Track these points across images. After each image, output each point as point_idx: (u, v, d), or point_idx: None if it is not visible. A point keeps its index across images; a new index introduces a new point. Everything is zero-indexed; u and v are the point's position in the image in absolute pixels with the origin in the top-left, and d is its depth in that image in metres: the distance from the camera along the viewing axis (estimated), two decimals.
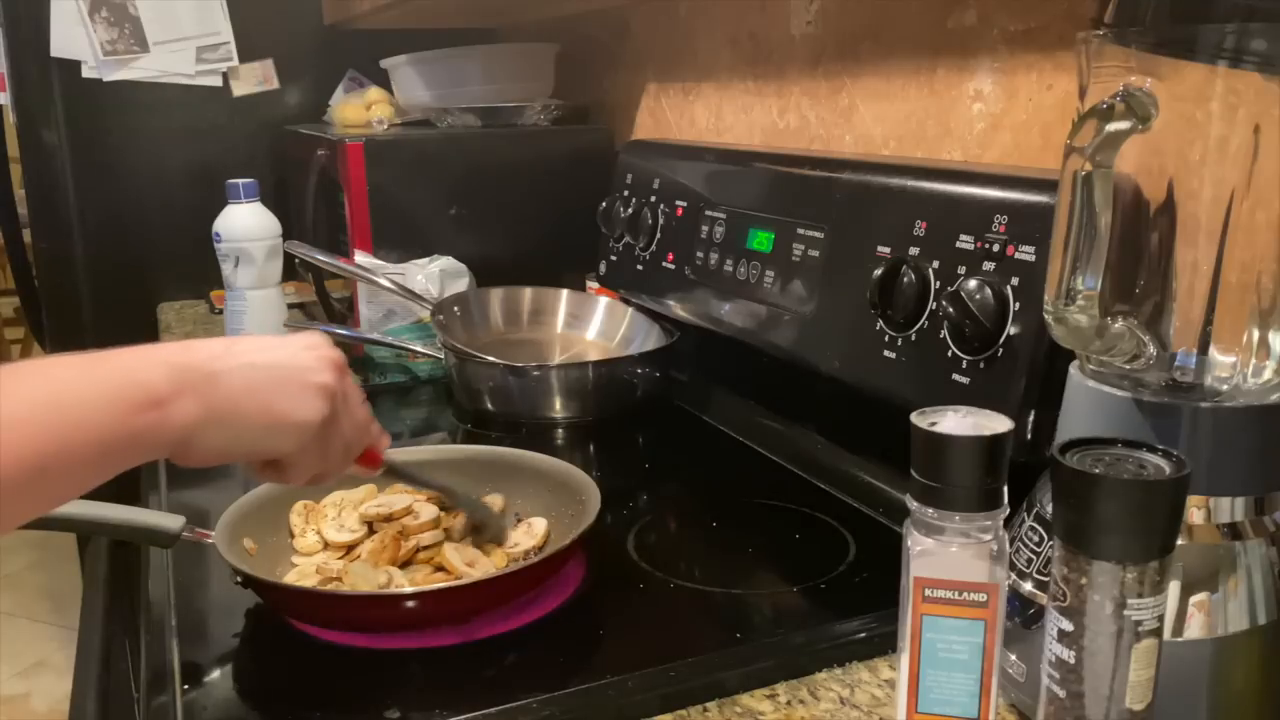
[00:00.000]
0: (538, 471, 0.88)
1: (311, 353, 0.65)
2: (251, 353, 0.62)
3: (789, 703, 0.65)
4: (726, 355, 1.15)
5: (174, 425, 0.56)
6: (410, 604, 0.71)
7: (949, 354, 0.79)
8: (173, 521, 0.75)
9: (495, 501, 0.87)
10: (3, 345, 4.01)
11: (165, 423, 0.55)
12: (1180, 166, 0.55)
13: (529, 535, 0.82)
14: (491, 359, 1.18)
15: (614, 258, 1.30)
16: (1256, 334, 0.56)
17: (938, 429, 0.51)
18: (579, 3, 1.55)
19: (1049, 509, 0.59)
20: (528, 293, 1.37)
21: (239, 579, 0.72)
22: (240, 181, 1.35)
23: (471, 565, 0.77)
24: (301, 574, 0.77)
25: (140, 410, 0.54)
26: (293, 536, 0.82)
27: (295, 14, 1.86)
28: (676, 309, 1.19)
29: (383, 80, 1.71)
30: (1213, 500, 0.56)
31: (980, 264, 0.77)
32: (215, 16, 1.78)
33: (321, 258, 1.33)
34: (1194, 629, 0.55)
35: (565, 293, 1.37)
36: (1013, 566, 0.60)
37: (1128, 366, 0.57)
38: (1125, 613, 0.49)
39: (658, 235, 1.21)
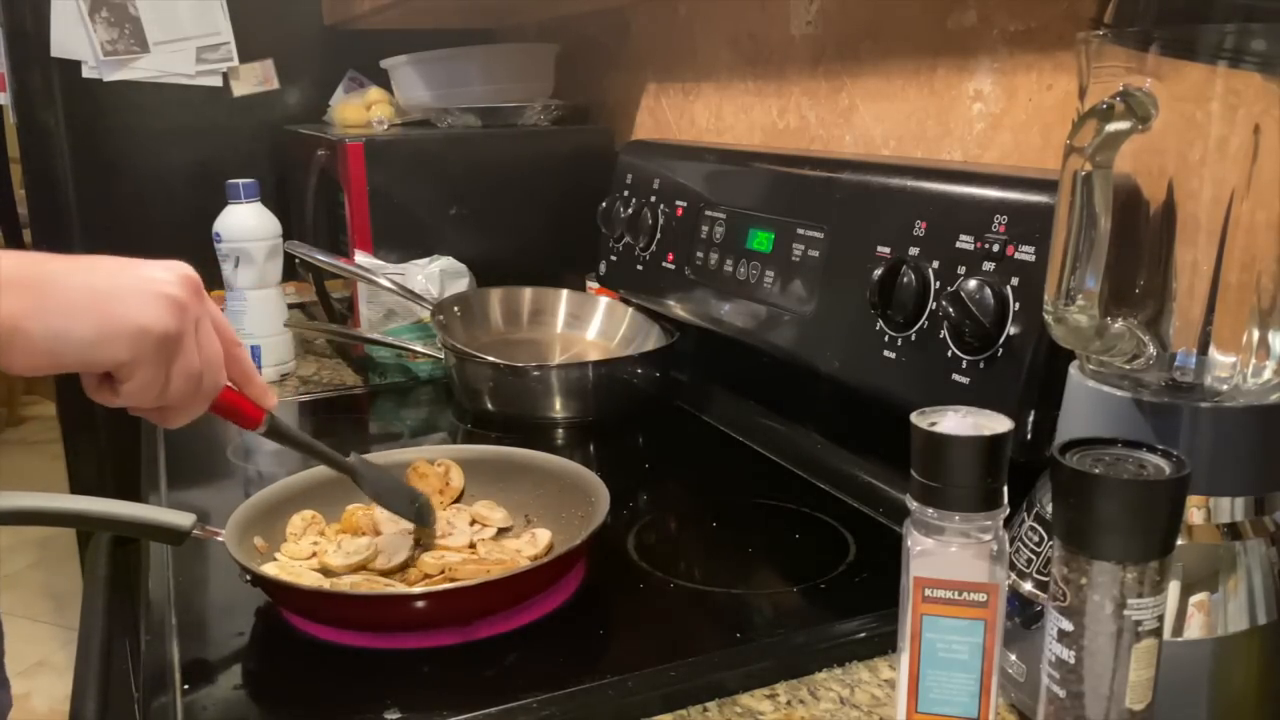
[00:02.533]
0: (547, 473, 0.88)
1: (168, 271, 0.61)
2: (101, 261, 0.59)
3: (789, 703, 0.65)
4: (726, 355, 1.15)
5: None
6: (419, 604, 0.71)
7: (949, 354, 0.79)
8: (183, 519, 0.76)
9: (481, 511, 0.87)
10: None
11: None
12: (1180, 166, 0.55)
13: (531, 544, 0.82)
14: (491, 359, 1.18)
15: (614, 258, 1.30)
16: (1256, 334, 0.56)
17: (938, 429, 0.51)
18: (579, 3, 1.55)
19: (1049, 509, 0.59)
20: (528, 293, 1.37)
21: (248, 577, 0.73)
22: (240, 181, 1.35)
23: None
24: (281, 568, 0.77)
25: None
26: (286, 539, 0.82)
27: (295, 14, 1.86)
28: (676, 309, 1.19)
29: (383, 80, 1.71)
30: (1213, 500, 0.56)
31: (980, 264, 0.77)
32: (215, 16, 1.78)
33: (321, 258, 1.33)
34: (1194, 629, 0.55)
35: (565, 293, 1.37)
36: (1013, 566, 0.61)
37: (1128, 366, 0.57)
38: (1125, 613, 0.49)
39: (658, 235, 1.21)
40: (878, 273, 0.84)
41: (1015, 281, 0.74)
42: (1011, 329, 0.74)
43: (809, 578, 0.79)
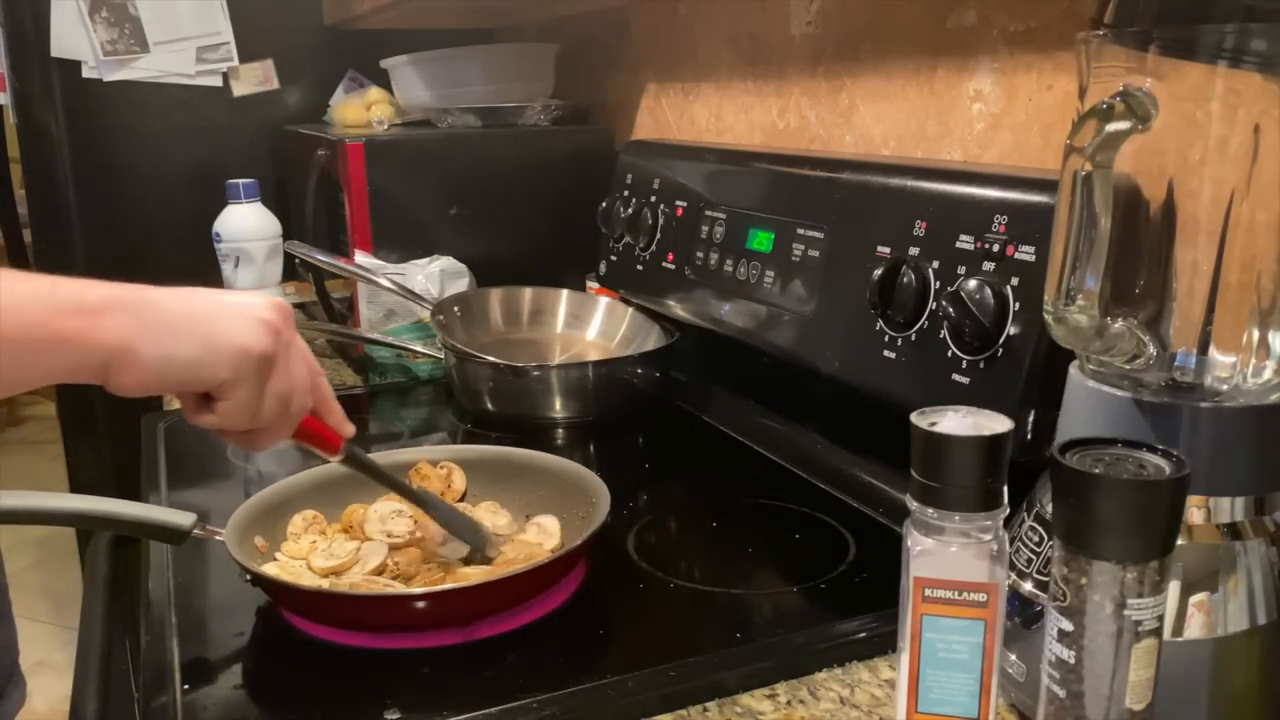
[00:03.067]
0: (548, 473, 0.88)
1: (261, 298, 0.65)
2: (198, 290, 0.62)
3: (789, 703, 0.65)
4: (726, 355, 1.15)
5: (103, 336, 0.56)
6: (419, 604, 0.71)
7: (949, 354, 0.79)
8: (184, 518, 0.76)
9: (486, 515, 0.86)
10: None
11: (93, 331, 0.55)
12: (1180, 166, 0.55)
13: (544, 535, 0.82)
14: (491, 359, 1.18)
15: (614, 258, 1.30)
16: (1256, 334, 0.56)
17: (938, 429, 0.51)
18: (579, 3, 1.56)
19: (1049, 509, 0.59)
20: (528, 293, 1.37)
21: (248, 577, 0.73)
22: (240, 181, 1.35)
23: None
24: (281, 568, 0.77)
25: (68, 314, 0.55)
26: (286, 539, 0.82)
27: (295, 14, 1.86)
28: (676, 309, 1.19)
29: (383, 80, 1.71)
30: (1213, 500, 0.56)
31: (980, 264, 0.77)
32: (215, 16, 1.78)
33: (321, 258, 1.33)
34: (1194, 629, 0.55)
35: (565, 293, 1.37)
36: (1013, 566, 0.61)
37: (1128, 366, 0.57)
38: (1125, 613, 0.49)
39: (658, 235, 1.21)
40: (878, 273, 0.84)
41: (1015, 281, 0.74)
42: (1011, 329, 0.74)
43: (809, 578, 0.79)
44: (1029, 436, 0.72)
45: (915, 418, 0.52)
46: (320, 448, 0.73)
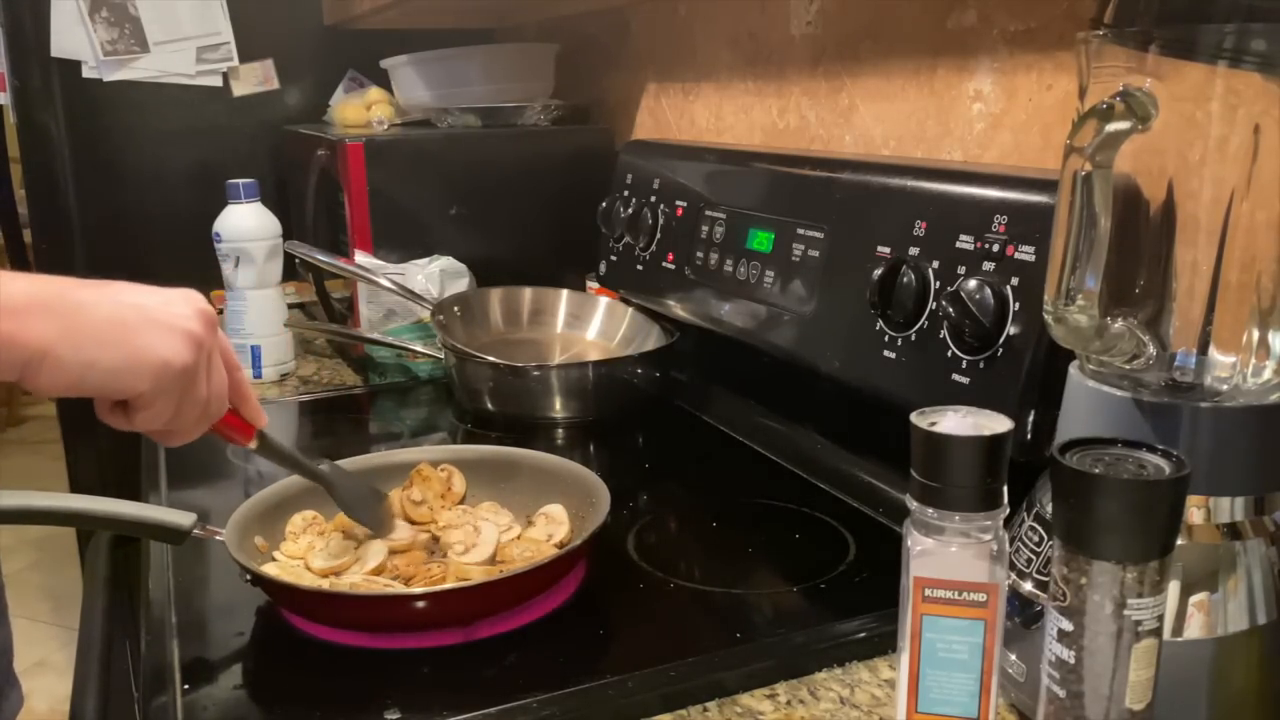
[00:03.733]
0: (548, 473, 0.88)
1: (186, 303, 0.64)
2: (124, 291, 0.61)
3: (789, 703, 0.65)
4: (726, 355, 1.15)
5: (25, 337, 0.55)
6: (420, 604, 0.71)
7: (949, 354, 0.79)
8: (184, 518, 0.76)
9: (486, 516, 0.86)
10: None
11: (14, 332, 0.55)
12: (1180, 166, 0.55)
13: (554, 524, 0.82)
14: (491, 359, 1.18)
15: (614, 258, 1.30)
16: (1256, 334, 0.56)
17: (938, 429, 0.51)
18: (579, 3, 1.56)
19: (1049, 509, 0.59)
20: (528, 293, 1.37)
21: (248, 577, 0.73)
22: (240, 181, 1.35)
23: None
24: (281, 568, 0.77)
25: None
26: (285, 539, 0.82)
27: (295, 14, 1.86)
28: (676, 309, 1.19)
29: (383, 80, 1.71)
30: (1213, 500, 0.56)
31: (980, 264, 0.77)
32: (215, 16, 1.78)
33: (321, 258, 1.33)
34: (1194, 629, 0.55)
35: (565, 293, 1.37)
36: (1013, 566, 0.61)
37: (1128, 366, 0.57)
38: (1125, 613, 0.49)
39: (658, 235, 1.21)
40: (878, 273, 0.84)
41: (1015, 281, 0.74)
42: (1011, 329, 0.74)
43: (809, 578, 0.79)
44: (1029, 436, 0.72)
45: (915, 418, 0.52)
46: (234, 440, 0.73)
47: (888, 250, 0.86)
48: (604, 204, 1.31)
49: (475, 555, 0.79)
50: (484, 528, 0.82)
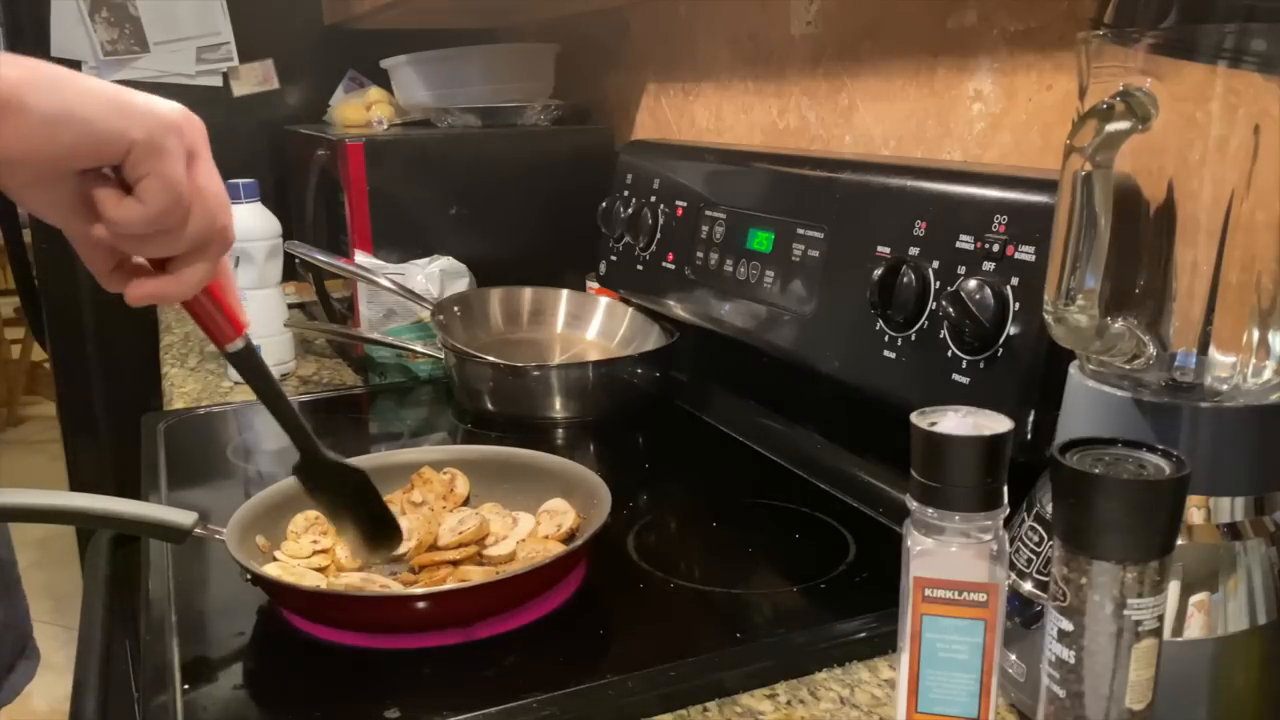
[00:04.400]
0: (549, 473, 0.88)
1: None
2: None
3: (789, 703, 0.65)
4: (726, 355, 1.15)
5: None
6: (419, 605, 0.71)
7: (949, 354, 0.79)
8: (185, 517, 0.76)
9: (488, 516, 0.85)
10: (3, 345, 4.01)
11: None
12: (1180, 166, 0.55)
13: (560, 517, 0.82)
14: (491, 359, 1.18)
15: (614, 258, 1.30)
16: (1256, 334, 0.56)
17: (938, 429, 0.51)
18: (579, 3, 1.55)
19: (1049, 509, 0.59)
20: (528, 293, 1.37)
21: (248, 577, 0.73)
22: (240, 181, 1.35)
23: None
24: (281, 568, 0.77)
25: None
26: (287, 538, 0.82)
27: (295, 14, 1.86)
28: (676, 309, 1.19)
29: (383, 80, 1.71)
30: (1213, 500, 0.56)
31: (980, 264, 0.77)
32: (215, 16, 1.78)
33: (321, 258, 1.33)
34: (1194, 629, 0.55)
35: (565, 293, 1.37)
36: (1013, 566, 0.61)
37: (1128, 366, 0.57)
38: (1125, 613, 0.49)
39: (658, 235, 1.21)
40: (878, 273, 0.84)
41: (1015, 281, 0.74)
42: (1011, 329, 0.74)
43: (809, 578, 0.79)
44: (1029, 436, 0.72)
45: (915, 418, 0.52)
46: (219, 330, 0.63)
47: (888, 250, 0.86)
48: (604, 204, 1.31)
49: (502, 548, 0.80)
50: (521, 518, 0.83)
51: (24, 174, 0.51)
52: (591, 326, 1.35)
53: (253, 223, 1.34)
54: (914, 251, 0.83)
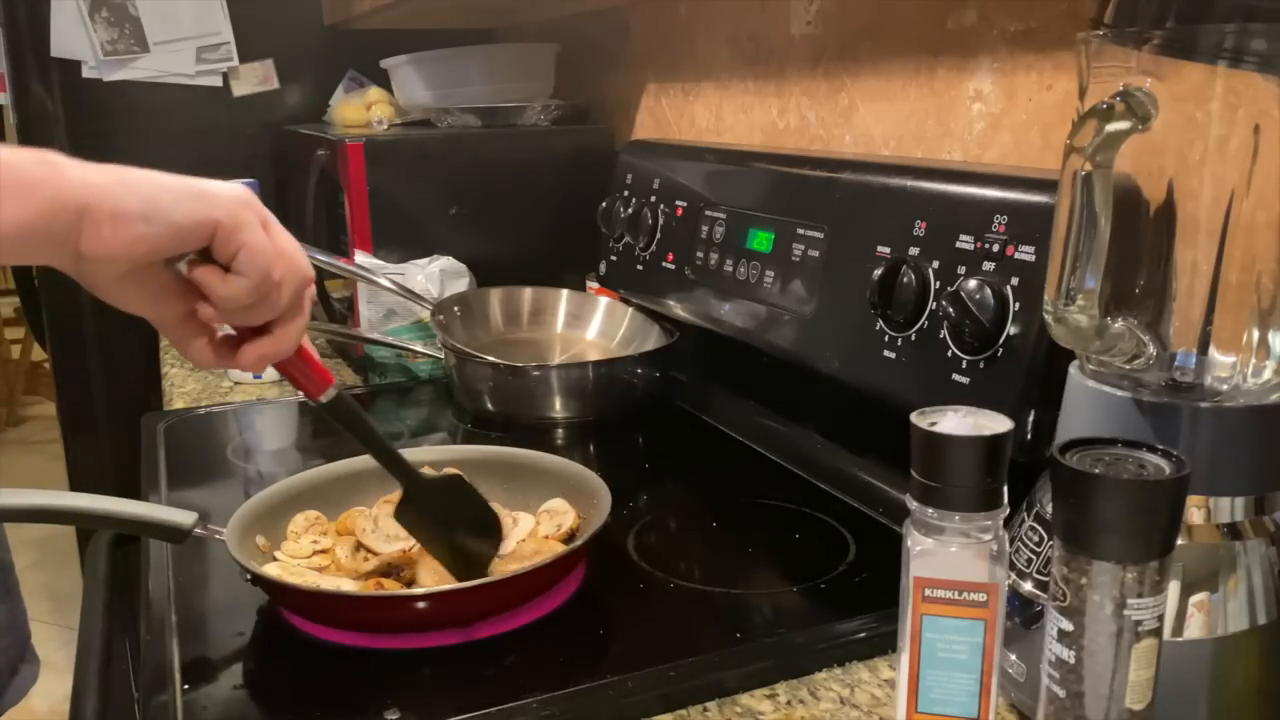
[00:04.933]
0: (549, 473, 0.88)
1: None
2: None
3: (789, 703, 0.65)
4: (726, 355, 1.15)
5: (76, 183, 0.52)
6: (420, 605, 0.71)
7: (949, 354, 0.79)
8: (185, 517, 0.76)
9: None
10: (3, 345, 4.01)
11: (66, 178, 0.52)
12: (1180, 166, 0.55)
13: (560, 516, 0.82)
14: (491, 359, 1.18)
15: (614, 258, 1.30)
16: (1256, 334, 0.56)
17: (938, 429, 0.51)
18: (579, 3, 1.55)
19: (1049, 509, 0.59)
20: (528, 293, 1.37)
21: (248, 577, 0.73)
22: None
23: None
24: (281, 568, 0.77)
25: (33, 165, 0.52)
26: (287, 538, 0.82)
27: (295, 14, 1.86)
28: (676, 309, 1.19)
29: (383, 80, 1.71)
30: (1213, 500, 0.56)
31: (980, 264, 0.77)
32: (215, 16, 1.78)
33: (321, 258, 1.33)
34: (1194, 629, 0.55)
35: (565, 293, 1.37)
36: (1013, 566, 0.61)
37: (1128, 366, 0.57)
38: (1125, 613, 0.49)
39: (658, 235, 1.21)
40: (878, 273, 0.84)
41: (1015, 281, 0.74)
42: (1011, 329, 0.74)
43: (809, 578, 0.79)
44: (1029, 436, 0.72)
45: (915, 418, 0.52)
46: (313, 379, 0.66)
47: (888, 250, 0.86)
48: (604, 204, 1.31)
49: (503, 547, 0.79)
50: (521, 518, 0.83)
51: (115, 269, 0.55)
52: (591, 326, 1.35)
53: None
54: (914, 251, 0.83)
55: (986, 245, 0.77)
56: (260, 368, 0.61)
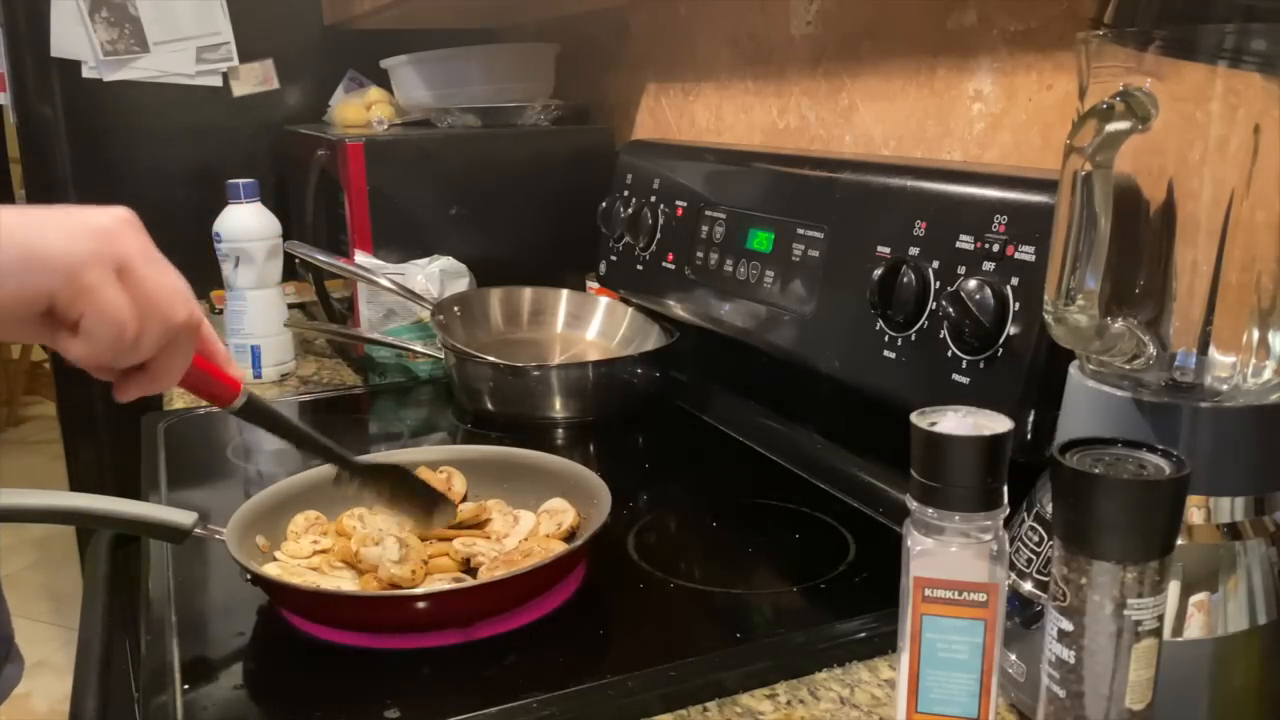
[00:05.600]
0: (549, 473, 0.88)
1: (103, 210, 0.56)
2: (26, 208, 0.54)
3: (789, 703, 0.65)
4: (726, 355, 1.15)
5: None
6: (420, 605, 0.71)
7: (949, 354, 0.79)
8: (185, 517, 0.76)
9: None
10: (3, 345, 4.01)
11: None
12: (1180, 166, 0.55)
13: (560, 515, 0.82)
14: (491, 359, 1.18)
15: (614, 258, 1.30)
16: (1256, 334, 0.56)
17: (938, 429, 0.51)
18: (579, 3, 1.55)
19: (1049, 509, 0.59)
20: (528, 293, 1.37)
21: (248, 577, 0.73)
22: (240, 181, 1.35)
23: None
24: (281, 568, 0.77)
25: None
26: (287, 538, 0.82)
27: (295, 14, 1.86)
28: (676, 309, 1.19)
29: (383, 80, 1.71)
30: (1213, 500, 0.56)
31: (980, 264, 0.77)
32: (215, 16, 1.78)
33: (321, 258, 1.33)
34: (1194, 629, 0.55)
35: (565, 293, 1.37)
36: (1013, 566, 0.61)
37: (1128, 366, 0.57)
38: (1125, 613, 0.49)
39: (658, 235, 1.21)
40: (878, 273, 0.84)
41: (1015, 281, 0.74)
42: (1011, 329, 0.74)
43: (809, 578, 0.79)
44: (1029, 436, 0.73)
45: (915, 418, 0.52)
46: (217, 393, 0.65)
47: (888, 250, 0.86)
48: (604, 204, 1.31)
49: (504, 546, 0.80)
50: (522, 517, 0.83)
51: None
52: (591, 326, 1.35)
53: (252, 223, 1.34)
54: (914, 251, 0.83)
55: (986, 245, 0.77)
56: (136, 398, 0.60)
